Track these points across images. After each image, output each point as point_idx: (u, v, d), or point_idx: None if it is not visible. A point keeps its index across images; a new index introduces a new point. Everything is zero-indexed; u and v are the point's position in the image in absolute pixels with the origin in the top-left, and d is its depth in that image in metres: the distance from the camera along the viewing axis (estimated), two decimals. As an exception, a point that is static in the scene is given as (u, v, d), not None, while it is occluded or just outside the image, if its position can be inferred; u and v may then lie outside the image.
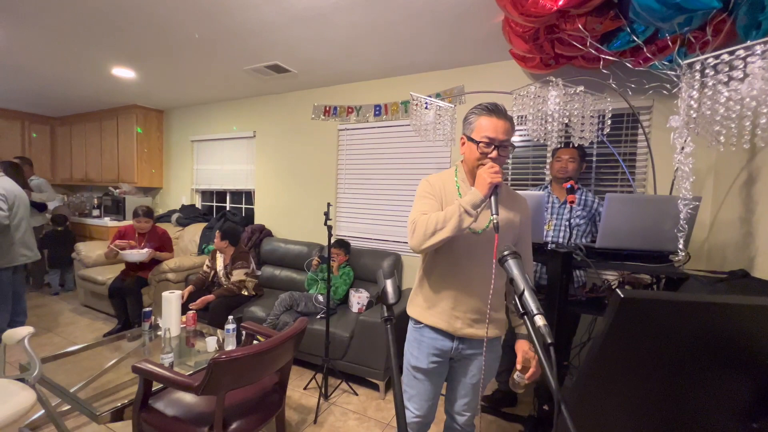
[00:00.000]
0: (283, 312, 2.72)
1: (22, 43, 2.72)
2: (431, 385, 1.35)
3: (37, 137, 5.29)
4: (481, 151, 1.18)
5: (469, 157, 1.25)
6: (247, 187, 4.18)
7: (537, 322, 0.63)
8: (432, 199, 1.27)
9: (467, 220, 1.12)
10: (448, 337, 1.29)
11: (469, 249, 1.23)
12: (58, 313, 3.70)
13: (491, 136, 1.16)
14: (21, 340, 1.64)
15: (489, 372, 1.31)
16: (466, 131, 1.24)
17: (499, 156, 1.17)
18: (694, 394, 0.53)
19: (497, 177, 1.09)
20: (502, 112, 1.19)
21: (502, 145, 1.17)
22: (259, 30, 2.37)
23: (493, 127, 1.16)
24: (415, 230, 1.18)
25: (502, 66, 2.71)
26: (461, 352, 1.30)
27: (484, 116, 1.18)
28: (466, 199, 1.13)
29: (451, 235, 1.13)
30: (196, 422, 1.45)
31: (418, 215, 1.20)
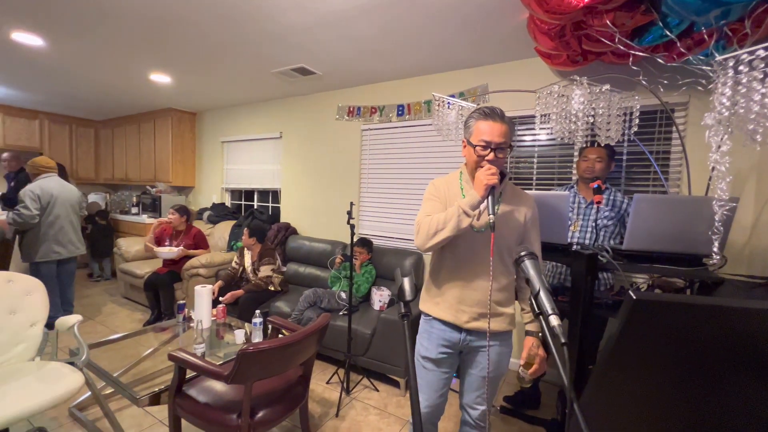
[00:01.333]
0: (307, 308, 2.80)
1: (70, 52, 2.94)
2: (440, 375, 1.40)
3: (82, 139, 5.67)
4: (478, 154, 1.24)
5: (469, 160, 1.33)
6: (273, 186, 4.32)
7: (551, 322, 0.64)
8: (436, 201, 1.36)
9: (465, 221, 1.19)
10: (455, 329, 1.35)
11: (473, 246, 1.29)
12: (101, 304, 3.97)
13: (487, 140, 1.22)
14: (71, 327, 1.79)
15: (499, 366, 1.36)
16: (466, 135, 1.31)
17: (496, 158, 1.22)
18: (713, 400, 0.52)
19: (493, 178, 1.14)
20: (498, 116, 1.24)
21: (499, 148, 1.22)
22: (286, 34, 2.45)
23: (490, 130, 1.22)
24: (420, 231, 1.28)
25: (527, 64, 2.66)
26: (469, 343, 1.35)
27: (482, 120, 1.25)
28: (464, 200, 1.20)
29: (451, 235, 1.20)
30: (226, 409, 1.53)
31: (422, 217, 1.30)
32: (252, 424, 1.51)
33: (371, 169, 3.51)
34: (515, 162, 2.81)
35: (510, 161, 2.82)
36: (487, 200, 1.16)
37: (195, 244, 3.68)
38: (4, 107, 4.84)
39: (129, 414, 2.07)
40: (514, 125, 1.29)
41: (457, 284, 1.32)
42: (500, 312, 1.32)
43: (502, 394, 2.40)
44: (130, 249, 4.20)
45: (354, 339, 2.50)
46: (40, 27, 2.49)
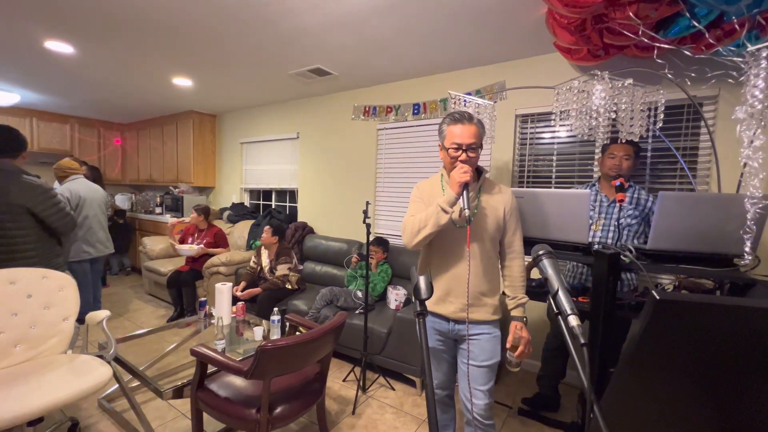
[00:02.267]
0: (323, 306, 2.83)
1: (98, 58, 3.07)
2: (441, 361, 1.53)
3: (109, 142, 5.91)
4: (452, 156, 1.36)
5: (445, 162, 1.43)
6: (290, 186, 4.38)
7: (570, 322, 0.62)
8: (420, 202, 1.47)
9: (443, 217, 1.29)
10: (443, 319, 1.45)
11: (455, 241, 1.39)
12: (127, 301, 4.13)
13: (459, 142, 1.34)
14: (100, 322, 1.87)
15: (491, 354, 1.41)
16: (440, 139, 1.43)
17: (468, 158, 1.34)
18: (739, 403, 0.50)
19: (465, 176, 1.25)
20: (467, 118, 1.35)
21: (470, 148, 1.34)
22: (302, 35, 2.48)
23: (460, 133, 1.34)
24: (405, 230, 1.40)
25: (545, 59, 2.60)
26: (458, 332, 1.44)
27: (452, 125, 1.36)
28: (442, 198, 1.31)
29: (433, 231, 1.32)
30: (245, 404, 1.57)
31: (407, 217, 1.42)
32: (270, 419, 1.54)
33: (387, 169, 3.51)
34: (533, 160, 2.76)
35: (528, 159, 2.77)
36: (461, 196, 1.26)
37: (215, 243, 3.78)
38: (38, 112, 5.09)
39: (154, 406, 2.15)
40: (483, 126, 1.41)
41: (444, 277, 1.42)
42: (485, 302, 1.41)
43: (520, 394, 2.37)
44: (155, 247, 4.35)
45: (370, 337, 2.51)
46: (71, 35, 2.60)
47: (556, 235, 1.72)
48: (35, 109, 5.04)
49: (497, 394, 2.39)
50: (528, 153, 2.77)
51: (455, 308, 1.40)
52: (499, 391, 2.46)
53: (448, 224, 1.32)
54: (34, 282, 1.82)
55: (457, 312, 1.40)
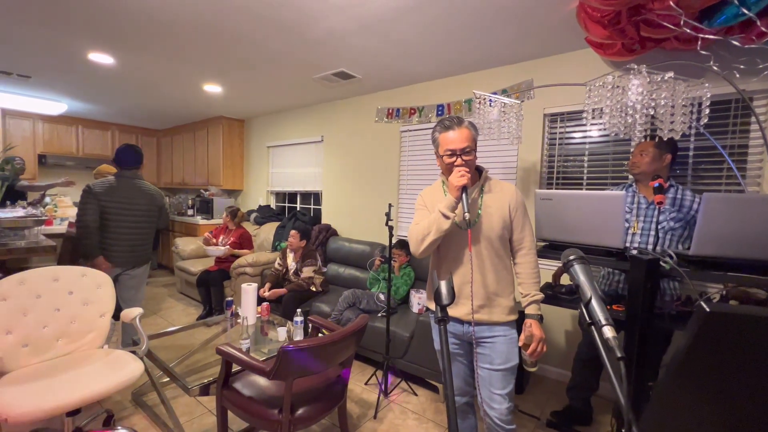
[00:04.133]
0: (346, 308, 2.83)
1: (135, 68, 3.23)
2: (458, 364, 1.51)
3: (146, 147, 6.23)
4: (447, 162, 1.36)
5: (443, 169, 1.43)
6: (315, 189, 4.44)
7: (605, 334, 0.58)
8: (424, 209, 1.48)
9: (445, 222, 1.29)
10: (458, 322, 1.44)
11: (461, 244, 1.39)
12: (160, 299, 4.31)
13: (452, 148, 1.34)
14: (134, 319, 1.96)
15: (508, 356, 1.38)
16: (434, 147, 1.43)
17: (464, 162, 1.33)
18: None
19: (462, 180, 1.26)
20: (456, 123, 1.35)
21: (464, 152, 1.33)
22: (326, 40, 2.50)
23: (451, 139, 1.34)
24: (411, 239, 1.41)
25: (576, 56, 2.50)
26: (474, 334, 1.41)
27: (443, 132, 1.36)
28: (442, 204, 1.31)
29: (437, 237, 1.32)
30: (268, 404, 1.59)
31: (413, 226, 1.43)
32: (292, 420, 1.54)
33: (410, 171, 3.49)
34: (563, 161, 2.65)
35: (557, 160, 2.67)
36: (461, 200, 1.26)
37: (240, 243, 3.90)
38: (83, 120, 5.45)
39: (182, 402, 2.22)
40: (475, 127, 1.39)
41: (455, 279, 1.40)
42: (498, 302, 1.39)
43: (550, 407, 2.27)
44: (186, 248, 4.52)
45: (392, 341, 2.48)
46: (111, 46, 2.76)
47: (588, 239, 1.64)
48: (80, 117, 5.40)
49: (525, 404, 2.30)
50: (557, 153, 2.67)
51: (468, 310, 1.38)
52: (526, 401, 2.36)
53: (452, 228, 1.32)
54: (75, 279, 1.93)
55: (470, 314, 1.38)
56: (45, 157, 5.17)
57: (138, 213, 2.55)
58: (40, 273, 1.84)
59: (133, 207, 2.52)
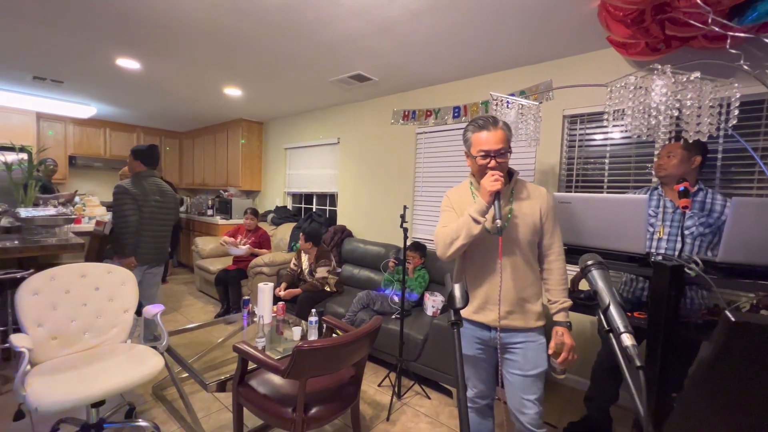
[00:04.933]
0: (360, 309, 2.84)
1: (160, 72, 3.35)
2: (481, 369, 1.49)
3: (169, 149, 6.44)
4: (480, 164, 1.31)
5: (474, 170, 1.40)
6: (331, 190, 4.48)
7: (624, 342, 0.56)
8: (451, 211, 1.44)
9: (476, 228, 1.26)
10: (484, 327, 1.41)
11: (491, 249, 1.34)
12: (180, 297, 4.43)
13: (485, 149, 1.29)
14: (155, 315, 2.02)
15: (536, 362, 1.36)
16: (466, 147, 1.38)
17: (498, 164, 1.29)
18: None
19: (496, 185, 1.21)
20: (491, 123, 1.30)
21: (498, 154, 1.29)
22: (343, 43, 2.53)
23: (485, 140, 1.29)
24: (438, 242, 1.38)
25: (596, 56, 2.44)
26: (501, 340, 1.38)
27: (477, 132, 1.31)
28: (472, 208, 1.28)
29: (466, 242, 1.29)
30: (282, 402, 1.61)
31: (440, 228, 1.40)
32: (305, 419, 1.56)
33: (425, 173, 3.48)
34: (583, 164, 2.59)
35: (577, 163, 2.61)
36: (493, 205, 1.23)
37: (259, 243, 3.98)
38: (110, 123, 5.67)
39: (200, 398, 2.27)
40: (510, 129, 1.34)
41: (483, 284, 1.38)
42: (527, 308, 1.36)
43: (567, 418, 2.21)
44: (206, 247, 4.64)
45: (406, 343, 2.48)
46: (138, 52, 2.87)
47: (608, 244, 1.59)
48: (108, 120, 5.62)
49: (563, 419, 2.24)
50: (577, 156, 2.61)
51: (496, 316, 1.35)
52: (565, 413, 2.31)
53: (480, 234, 1.28)
54: (101, 276, 2.01)
55: (498, 320, 1.36)
56: (75, 159, 5.40)
57: (165, 211, 2.68)
58: (69, 269, 1.92)
59: (161, 206, 2.64)
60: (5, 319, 2.46)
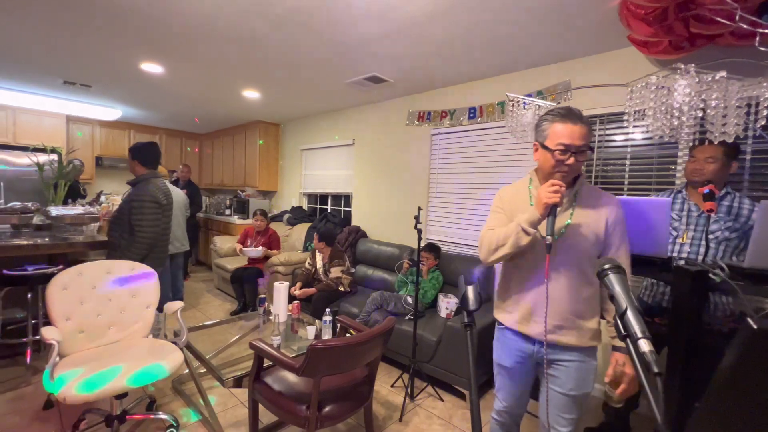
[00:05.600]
0: (374, 310, 2.86)
1: (182, 76, 3.45)
2: (516, 383, 1.38)
3: (190, 150, 6.62)
4: (557, 159, 1.17)
5: (543, 165, 1.24)
6: (345, 191, 4.52)
7: (641, 347, 0.55)
8: (501, 213, 1.34)
9: (524, 239, 1.16)
10: (528, 340, 1.31)
11: (542, 257, 1.20)
12: (199, 294, 4.55)
13: (567, 143, 1.15)
14: (175, 312, 2.08)
15: (582, 384, 1.26)
16: (539, 138, 1.23)
17: (576, 162, 1.16)
18: None
19: (554, 197, 1.09)
20: (577, 117, 1.16)
21: (579, 151, 1.15)
22: (358, 45, 2.55)
23: (569, 133, 1.14)
24: (482, 245, 1.29)
25: (616, 55, 2.39)
26: (546, 356, 1.28)
27: (558, 122, 1.17)
28: (524, 217, 1.17)
29: (511, 252, 1.20)
30: (296, 400, 1.63)
31: (485, 231, 1.30)
32: (319, 417, 1.58)
33: (440, 174, 3.47)
34: (602, 165, 2.53)
35: (597, 164, 2.55)
36: (547, 219, 1.11)
37: (269, 244, 4.01)
38: (134, 125, 5.88)
39: (217, 393, 2.33)
40: (591, 126, 1.22)
41: (531, 294, 1.27)
42: (579, 325, 1.23)
43: (584, 424, 2.16)
44: (223, 246, 4.74)
45: (419, 345, 2.47)
46: (161, 56, 2.96)
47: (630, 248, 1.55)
48: (132, 123, 5.83)
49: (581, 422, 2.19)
50: (596, 157, 2.55)
51: (542, 329, 1.23)
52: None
53: (528, 246, 1.17)
54: (125, 272, 2.09)
55: (543, 333, 1.25)
56: (101, 159, 5.62)
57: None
58: (96, 265, 2.00)
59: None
60: (36, 313, 2.58)
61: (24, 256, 2.59)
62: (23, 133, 4.79)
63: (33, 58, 3.11)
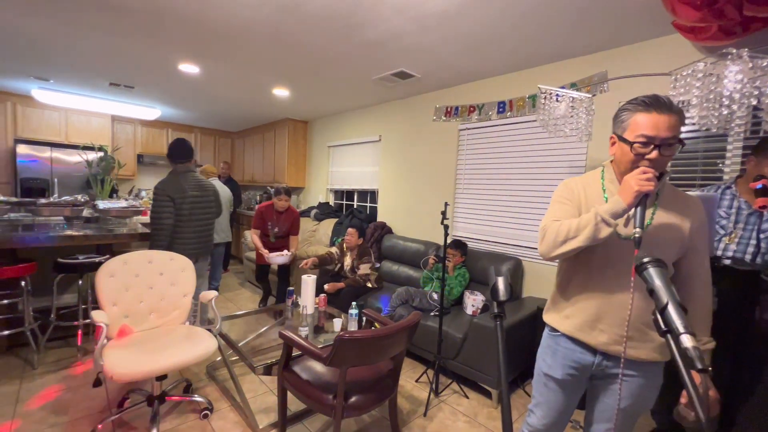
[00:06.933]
0: (399, 305, 2.87)
1: (216, 76, 3.59)
2: (563, 397, 1.24)
3: (223, 148, 6.88)
4: (636, 153, 1.02)
5: (621, 159, 1.09)
6: (372, 187, 4.54)
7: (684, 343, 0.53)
8: (568, 204, 1.18)
9: (605, 230, 1.00)
10: (589, 350, 1.16)
11: (619, 256, 1.09)
12: (232, 286, 4.74)
13: (650, 134, 0.99)
14: (210, 301, 2.18)
15: (641, 400, 1.13)
16: (617, 130, 1.09)
17: (660, 156, 0.99)
18: None
19: (648, 185, 0.94)
20: (665, 106, 1.00)
21: (665, 144, 0.99)
22: (386, 41, 2.55)
23: (653, 123, 0.99)
24: (546, 237, 1.12)
25: (657, 44, 2.26)
26: (605, 370, 1.15)
27: (641, 112, 1.02)
28: (605, 206, 1.01)
29: (584, 245, 1.04)
30: (323, 389, 1.67)
31: (549, 222, 1.14)
32: (345, 407, 1.61)
33: (467, 170, 3.42)
34: (641, 159, 2.40)
35: (634, 158, 2.42)
36: (636, 209, 0.96)
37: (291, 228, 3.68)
38: (172, 124, 6.18)
39: (248, 380, 2.42)
40: (683, 115, 1.03)
41: (597, 299, 1.12)
42: (650, 337, 1.09)
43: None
44: (254, 240, 4.91)
45: (444, 341, 2.46)
46: (198, 57, 3.10)
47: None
48: (170, 122, 6.13)
49: None
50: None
51: (608, 339, 1.11)
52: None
53: (606, 239, 1.03)
54: (165, 262, 2.21)
55: (611, 344, 1.10)
56: (142, 157, 5.95)
57: (204, 205, 2.71)
58: (139, 255, 2.13)
59: (200, 200, 2.70)
60: (86, 298, 2.79)
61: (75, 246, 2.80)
62: (74, 133, 5.16)
63: (83, 61, 3.34)
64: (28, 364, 2.47)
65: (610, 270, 1.10)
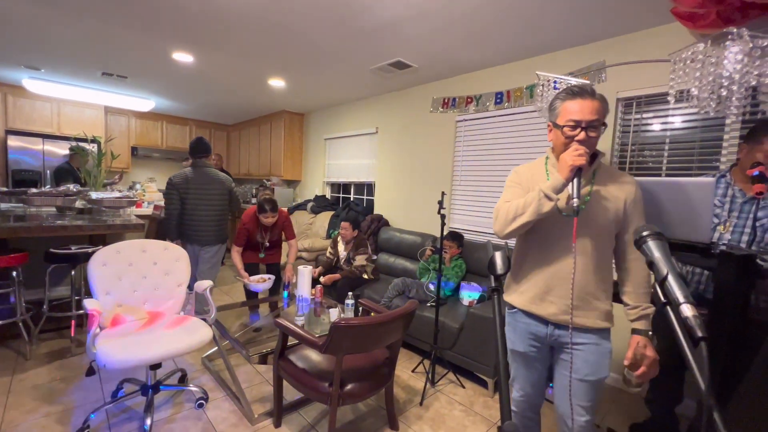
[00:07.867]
0: (395, 296, 2.86)
1: (211, 65, 3.54)
2: (532, 370, 1.35)
3: (218, 141, 6.82)
4: (567, 135, 1.16)
5: (556, 143, 1.24)
6: (368, 180, 4.52)
7: (684, 312, 0.52)
8: (518, 187, 1.31)
9: (547, 205, 1.12)
10: (542, 322, 1.27)
11: (561, 231, 1.21)
12: (226, 278, 4.71)
13: (576, 119, 1.14)
14: (205, 290, 2.16)
15: (597, 368, 1.22)
16: (552, 117, 1.23)
17: (588, 138, 1.14)
18: None
19: (580, 159, 1.07)
20: (588, 93, 1.15)
21: (591, 126, 1.14)
22: (383, 28, 2.52)
23: (579, 108, 1.14)
24: (498, 216, 1.25)
25: (656, 32, 2.24)
26: (558, 339, 1.25)
27: (569, 99, 1.17)
28: (547, 183, 1.14)
29: (531, 220, 1.16)
30: (319, 377, 1.67)
31: (501, 203, 1.26)
32: (341, 394, 1.61)
33: (464, 162, 3.40)
34: (638, 150, 2.41)
35: (631, 149, 2.43)
36: (572, 182, 1.09)
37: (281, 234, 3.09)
38: (166, 116, 6.11)
39: (243, 370, 2.41)
40: (606, 102, 1.17)
41: (545, 272, 1.24)
42: (594, 306, 1.21)
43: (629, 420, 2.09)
44: (250, 233, 4.87)
45: (441, 332, 2.46)
46: (191, 45, 3.05)
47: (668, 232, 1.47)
48: (164, 114, 6.06)
49: (607, 418, 2.13)
50: (631, 141, 2.42)
51: (557, 309, 1.22)
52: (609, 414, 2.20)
53: (551, 212, 1.14)
54: (159, 252, 2.18)
55: (559, 314, 1.21)
56: (137, 149, 5.88)
57: (210, 196, 2.88)
58: (132, 244, 2.10)
59: (207, 192, 2.85)
60: (79, 289, 2.76)
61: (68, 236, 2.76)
62: (66, 124, 5.08)
63: (75, 49, 3.28)
64: (21, 355, 2.45)
65: (556, 245, 1.22)
